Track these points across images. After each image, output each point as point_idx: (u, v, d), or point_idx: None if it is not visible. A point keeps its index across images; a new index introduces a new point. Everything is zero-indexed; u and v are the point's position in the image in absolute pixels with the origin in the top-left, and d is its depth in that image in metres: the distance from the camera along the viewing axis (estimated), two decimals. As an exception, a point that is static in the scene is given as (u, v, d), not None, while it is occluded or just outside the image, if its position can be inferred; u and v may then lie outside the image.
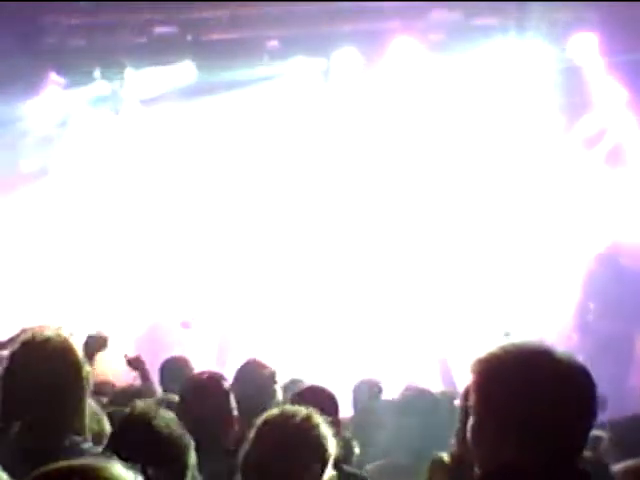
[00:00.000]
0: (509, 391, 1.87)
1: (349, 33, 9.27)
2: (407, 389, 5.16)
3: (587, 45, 8.95)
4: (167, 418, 2.71)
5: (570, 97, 9.55)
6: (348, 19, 9.09)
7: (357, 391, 5.71)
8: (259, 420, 2.76)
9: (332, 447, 2.73)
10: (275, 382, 4.67)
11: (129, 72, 9.72)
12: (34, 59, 9.23)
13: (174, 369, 5.63)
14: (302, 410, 2.77)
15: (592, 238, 9.49)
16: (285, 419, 2.73)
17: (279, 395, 4.61)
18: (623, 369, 8.24)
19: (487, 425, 1.90)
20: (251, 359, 4.88)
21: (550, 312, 9.22)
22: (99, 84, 9.97)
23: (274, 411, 2.82)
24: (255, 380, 4.55)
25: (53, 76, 9.68)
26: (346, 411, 5.05)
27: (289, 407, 2.91)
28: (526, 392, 1.85)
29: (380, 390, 5.63)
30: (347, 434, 4.39)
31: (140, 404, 2.87)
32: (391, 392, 5.59)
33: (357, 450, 4.26)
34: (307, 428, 2.70)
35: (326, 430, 2.73)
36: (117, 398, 4.84)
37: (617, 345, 8.23)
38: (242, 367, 4.79)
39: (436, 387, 5.79)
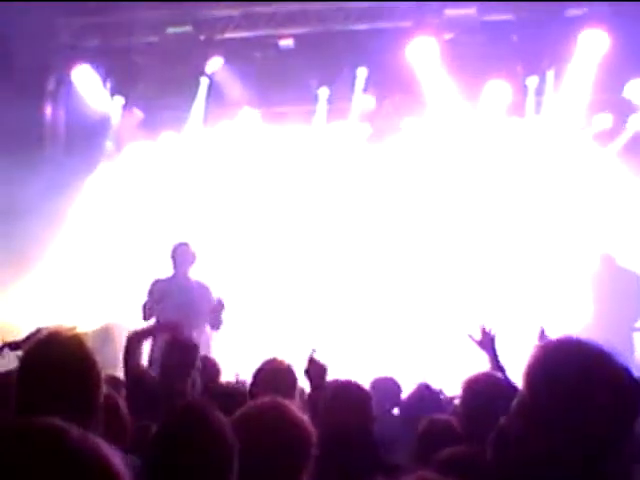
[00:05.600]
0: (561, 387, 1.85)
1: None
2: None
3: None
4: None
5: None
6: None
7: (375, 389, 5.53)
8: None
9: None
10: None
11: None
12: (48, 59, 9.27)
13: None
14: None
15: (596, 238, 9.42)
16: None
17: None
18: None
19: (534, 424, 1.85)
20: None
21: (555, 312, 9.17)
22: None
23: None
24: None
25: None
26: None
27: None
28: (579, 388, 1.84)
29: (399, 389, 5.47)
30: None
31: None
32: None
33: None
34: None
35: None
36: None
37: (619, 345, 8.18)
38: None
39: (450, 384, 5.75)
